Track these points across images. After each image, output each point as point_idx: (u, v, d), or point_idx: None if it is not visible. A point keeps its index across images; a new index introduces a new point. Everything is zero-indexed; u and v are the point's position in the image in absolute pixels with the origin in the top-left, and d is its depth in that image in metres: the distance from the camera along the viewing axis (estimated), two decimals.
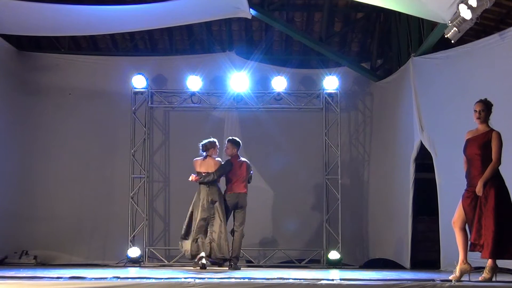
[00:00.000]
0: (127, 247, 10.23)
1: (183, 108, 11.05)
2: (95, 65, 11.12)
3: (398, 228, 10.00)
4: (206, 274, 7.10)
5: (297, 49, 12.07)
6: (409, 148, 9.66)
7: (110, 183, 10.85)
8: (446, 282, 5.48)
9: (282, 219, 10.85)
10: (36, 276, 5.95)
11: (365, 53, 11.91)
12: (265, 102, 10.94)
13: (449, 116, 8.83)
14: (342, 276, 6.42)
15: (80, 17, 9.44)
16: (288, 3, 11.20)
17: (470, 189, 6.02)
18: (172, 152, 11.15)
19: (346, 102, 11.22)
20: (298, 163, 11.06)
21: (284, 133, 11.04)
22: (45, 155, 10.79)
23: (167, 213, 11.02)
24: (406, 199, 9.64)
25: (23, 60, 10.90)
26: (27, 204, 10.54)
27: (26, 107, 10.78)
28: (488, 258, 5.91)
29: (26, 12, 8.93)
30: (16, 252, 10.04)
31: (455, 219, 6.12)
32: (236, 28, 11.70)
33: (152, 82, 10.95)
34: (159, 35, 11.76)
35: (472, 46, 8.60)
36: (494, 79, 8.00)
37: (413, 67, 9.56)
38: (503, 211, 5.85)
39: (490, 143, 5.98)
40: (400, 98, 10.20)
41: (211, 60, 11.10)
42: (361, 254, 10.92)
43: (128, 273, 7.46)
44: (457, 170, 6.83)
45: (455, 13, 7.43)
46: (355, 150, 11.34)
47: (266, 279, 5.55)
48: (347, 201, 10.84)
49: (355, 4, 10.27)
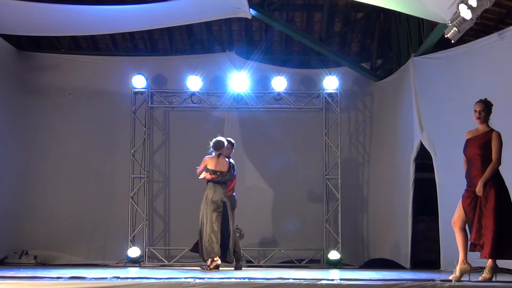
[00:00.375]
0: (127, 247, 10.23)
1: (183, 108, 11.05)
2: (95, 65, 11.13)
3: (398, 228, 10.00)
4: (206, 274, 7.10)
5: (297, 49, 12.07)
6: (409, 148, 9.66)
7: (110, 183, 10.85)
8: (446, 282, 5.48)
9: (282, 219, 10.85)
10: (36, 276, 5.95)
11: (365, 53, 11.91)
12: (265, 102, 10.94)
13: (449, 116, 8.83)
14: (342, 276, 6.42)
15: (80, 17, 9.44)
16: (288, 3, 11.20)
17: (470, 189, 6.01)
18: (172, 152, 11.15)
19: (346, 102, 11.22)
20: (298, 163, 11.07)
21: (284, 133, 11.04)
22: (45, 155, 10.79)
23: (167, 213, 11.01)
24: (406, 199, 9.64)
25: (23, 60, 10.90)
26: (27, 204, 10.55)
27: (26, 107, 10.79)
28: (487, 258, 5.91)
29: (26, 12, 8.93)
30: (16, 252, 10.05)
31: (455, 219, 6.12)
32: (236, 28, 11.70)
33: (152, 82, 10.95)
34: (159, 35, 11.76)
35: (471, 46, 8.60)
36: (494, 78, 8.00)
37: (413, 67, 9.56)
38: (503, 211, 5.85)
39: (490, 143, 5.98)
40: (400, 98, 10.20)
41: (211, 60, 11.10)
42: (361, 254, 10.92)
43: (128, 273, 7.45)
44: (457, 170, 6.83)
45: (455, 13, 7.43)
46: (355, 150, 11.34)
47: (266, 279, 5.56)
48: (347, 201, 10.84)
49: (355, 4, 10.28)
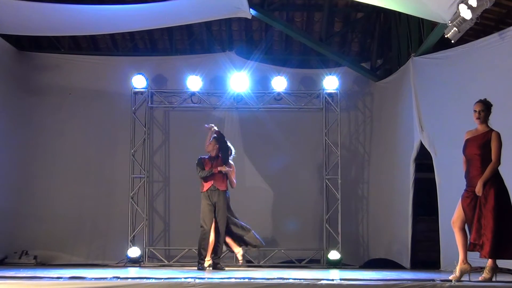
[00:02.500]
0: (127, 247, 10.22)
1: (183, 108, 11.05)
2: (95, 65, 11.12)
3: (398, 228, 10.00)
4: (206, 274, 7.11)
5: (297, 49, 12.07)
6: (409, 148, 9.66)
7: (110, 183, 10.84)
8: (446, 282, 5.49)
9: (282, 219, 10.84)
10: (36, 276, 5.96)
11: (365, 53, 11.90)
12: (265, 102, 10.94)
13: (449, 116, 8.83)
14: (342, 276, 6.43)
15: (80, 17, 9.44)
16: (288, 3, 11.20)
17: (470, 189, 6.02)
18: (172, 152, 11.14)
19: (346, 102, 11.22)
20: (298, 163, 11.06)
21: (284, 133, 11.03)
22: (45, 155, 10.79)
23: (167, 213, 11.01)
24: (406, 199, 9.64)
25: (23, 60, 10.90)
26: (27, 204, 10.54)
27: (26, 107, 10.78)
28: (487, 257, 5.91)
29: (26, 12, 8.93)
30: (16, 252, 10.05)
31: (454, 219, 6.12)
32: (236, 28, 11.70)
33: (152, 82, 10.95)
34: (159, 35, 11.76)
35: (472, 46, 8.60)
36: (494, 79, 8.00)
37: (413, 67, 9.56)
38: (502, 211, 5.85)
39: (490, 143, 5.98)
40: (400, 98, 10.20)
41: (211, 60, 11.10)
42: (361, 254, 10.91)
43: (128, 273, 7.46)
44: (457, 170, 6.83)
45: (455, 13, 7.43)
46: (355, 150, 11.34)
47: (266, 279, 5.56)
48: (347, 201, 10.84)
49: (355, 4, 10.28)
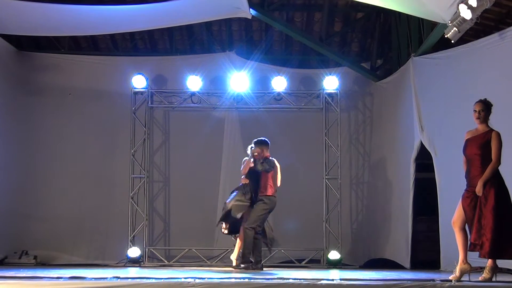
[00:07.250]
0: (127, 247, 10.23)
1: (183, 108, 11.04)
2: (95, 65, 11.12)
3: (398, 228, 9.99)
4: (206, 274, 7.10)
5: (297, 49, 12.07)
6: (409, 148, 9.65)
7: (110, 183, 10.84)
8: (446, 282, 5.48)
9: (282, 219, 10.81)
10: (36, 276, 5.96)
11: (365, 53, 11.90)
12: (265, 102, 10.93)
13: (449, 116, 8.83)
14: (342, 276, 6.43)
15: (80, 17, 9.44)
16: (288, 3, 11.20)
17: (470, 189, 6.02)
18: (172, 152, 11.14)
19: (346, 102, 11.21)
20: (298, 163, 11.03)
21: (284, 133, 11.01)
22: (45, 155, 10.79)
23: (167, 213, 11.01)
24: (406, 199, 9.63)
25: (23, 60, 10.90)
26: (27, 204, 10.53)
27: (26, 107, 10.78)
28: (487, 257, 5.91)
29: (26, 12, 8.93)
30: (16, 252, 10.05)
31: (454, 219, 6.12)
32: (236, 28, 11.70)
33: (152, 82, 10.94)
34: (159, 35, 11.76)
35: (472, 46, 8.59)
36: (494, 79, 7.99)
37: (413, 67, 9.56)
38: (502, 211, 5.85)
39: (490, 143, 5.98)
40: (400, 98, 10.20)
41: (211, 60, 11.09)
42: (361, 254, 10.91)
43: (128, 273, 7.46)
44: (457, 170, 6.83)
45: (455, 13, 7.43)
46: (355, 150, 11.33)
47: (266, 279, 5.56)
48: (347, 201, 10.84)
49: (355, 4, 10.28)
